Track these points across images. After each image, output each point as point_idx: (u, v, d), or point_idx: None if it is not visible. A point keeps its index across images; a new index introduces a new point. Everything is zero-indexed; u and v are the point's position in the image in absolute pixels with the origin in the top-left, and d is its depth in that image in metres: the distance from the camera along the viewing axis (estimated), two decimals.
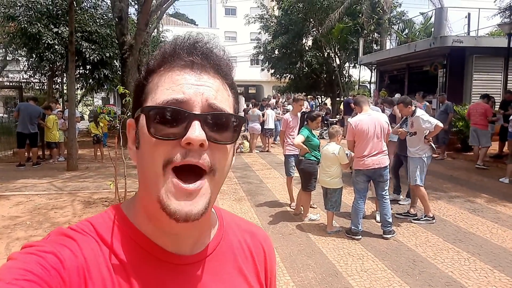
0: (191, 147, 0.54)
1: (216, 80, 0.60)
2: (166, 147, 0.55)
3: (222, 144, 0.57)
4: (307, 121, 5.23)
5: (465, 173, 8.04)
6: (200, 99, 0.56)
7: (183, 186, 0.54)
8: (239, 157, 10.63)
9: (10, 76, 24.44)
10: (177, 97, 0.55)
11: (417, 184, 5.02)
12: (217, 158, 0.57)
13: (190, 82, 0.57)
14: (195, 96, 0.56)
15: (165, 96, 0.56)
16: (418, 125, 5.01)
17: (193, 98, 0.56)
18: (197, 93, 0.56)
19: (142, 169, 0.59)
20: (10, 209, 5.62)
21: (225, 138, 0.58)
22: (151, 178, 0.56)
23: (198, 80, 0.57)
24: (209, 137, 0.55)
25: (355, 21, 18.28)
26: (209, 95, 0.57)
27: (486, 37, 13.53)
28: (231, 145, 0.60)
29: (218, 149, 0.57)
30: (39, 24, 11.34)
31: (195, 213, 0.54)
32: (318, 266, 3.89)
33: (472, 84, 12.01)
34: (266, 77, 31.91)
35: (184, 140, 0.53)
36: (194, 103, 0.56)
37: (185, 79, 0.57)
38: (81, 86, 15.01)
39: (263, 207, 5.91)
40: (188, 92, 0.56)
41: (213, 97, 0.57)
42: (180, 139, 0.54)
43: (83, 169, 8.78)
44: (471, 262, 3.93)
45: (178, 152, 0.54)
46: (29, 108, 9.28)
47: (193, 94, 0.56)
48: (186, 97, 0.56)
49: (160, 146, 0.55)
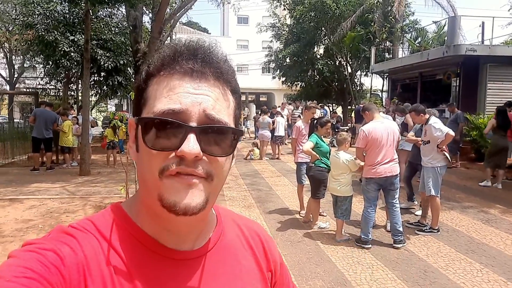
0: (186, 158, 0.54)
1: (216, 88, 0.59)
2: (162, 157, 0.55)
3: (218, 157, 0.57)
4: (317, 127, 5.23)
5: (478, 183, 7.90)
6: (197, 109, 0.56)
7: (182, 177, 0.55)
8: (249, 164, 10.64)
9: (27, 82, 25.07)
10: (174, 108, 0.55)
11: (432, 194, 4.92)
12: (213, 167, 0.57)
13: (188, 91, 0.56)
14: (192, 106, 0.56)
15: (162, 106, 0.56)
16: (430, 134, 4.95)
17: (190, 108, 0.56)
18: (194, 103, 0.56)
19: (141, 171, 0.60)
20: (23, 212, 5.72)
21: (221, 150, 0.58)
22: (149, 180, 0.57)
23: (197, 89, 0.57)
24: (204, 149, 0.55)
25: (367, 30, 18.22)
26: (207, 105, 0.56)
27: (500, 46, 13.34)
28: (228, 156, 0.60)
29: (215, 159, 0.57)
30: (56, 32, 11.60)
31: (193, 206, 0.55)
32: (326, 274, 3.85)
33: (486, 93, 11.80)
34: (277, 85, 31.90)
35: (179, 152, 0.54)
36: (191, 114, 0.55)
37: (184, 87, 0.57)
38: (95, 92, 15.25)
39: (273, 214, 5.89)
40: (185, 102, 0.56)
41: (211, 107, 0.57)
42: (175, 149, 0.54)
43: (95, 174, 8.90)
44: (483, 274, 3.84)
45: (173, 162, 0.55)
46: (45, 113, 9.47)
47: (190, 104, 0.56)
48: (183, 107, 0.55)
49: (155, 156, 0.56)
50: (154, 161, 0.56)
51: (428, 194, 4.96)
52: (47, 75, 14.46)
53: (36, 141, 9.35)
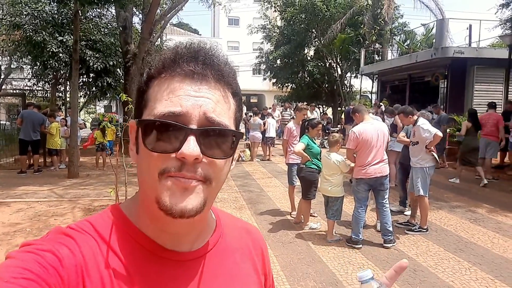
0: (186, 161, 0.54)
1: (217, 91, 0.58)
2: (162, 159, 0.55)
3: (218, 159, 0.57)
4: (308, 128, 5.25)
5: (466, 183, 8.01)
6: (198, 112, 0.56)
7: (179, 181, 0.55)
8: (240, 166, 10.63)
9: (13, 83, 24.69)
10: (174, 110, 0.55)
11: (420, 194, 4.98)
12: (213, 170, 0.57)
13: (189, 93, 0.56)
14: (192, 109, 0.55)
15: (162, 108, 0.56)
16: (419, 135, 5.01)
17: (190, 111, 0.55)
18: (195, 106, 0.56)
19: (140, 174, 0.60)
20: (11, 216, 5.62)
21: (221, 152, 0.57)
22: (148, 182, 0.57)
23: (198, 92, 0.57)
24: (204, 152, 0.55)
25: (357, 32, 18.40)
26: (208, 108, 0.56)
27: (487, 48, 13.60)
28: (227, 158, 0.60)
29: (214, 162, 0.57)
30: (44, 33, 11.46)
31: (189, 209, 0.55)
32: (318, 274, 3.87)
33: (473, 94, 12.03)
34: (268, 86, 32.01)
35: (179, 154, 0.54)
36: (191, 116, 0.55)
37: (184, 90, 0.56)
38: (84, 94, 15.09)
39: (264, 216, 5.90)
40: (186, 104, 0.55)
41: (211, 110, 0.56)
42: (176, 152, 0.54)
43: (84, 177, 8.79)
44: (472, 272, 3.90)
45: (173, 165, 0.55)
46: (32, 115, 9.33)
47: (191, 106, 0.56)
48: (183, 110, 0.55)
49: (155, 158, 0.56)
50: (154, 163, 0.55)
51: (417, 194, 5.02)
52: (35, 76, 14.29)
53: (23, 143, 9.21)
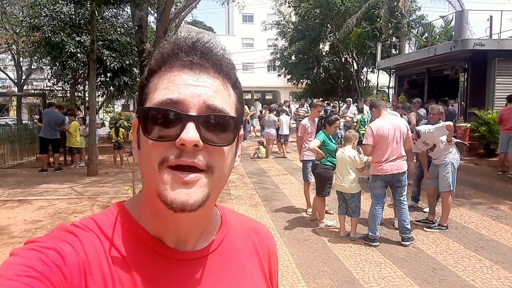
0: (185, 148, 0.53)
1: (216, 80, 0.58)
2: (161, 147, 0.55)
3: (218, 146, 0.57)
4: (325, 125, 5.18)
5: (488, 179, 7.80)
6: (197, 100, 0.55)
7: (179, 175, 0.54)
8: (255, 163, 10.64)
9: (34, 84, 25.34)
10: (172, 97, 0.55)
11: (451, 190, 4.84)
12: (214, 158, 0.56)
13: (187, 82, 0.56)
14: (191, 97, 0.55)
15: (161, 96, 0.56)
16: (431, 139, 4.87)
17: (189, 99, 0.55)
18: (194, 94, 0.55)
19: (142, 167, 0.59)
20: (32, 213, 5.78)
21: (222, 139, 0.57)
22: (148, 175, 0.57)
23: (197, 80, 0.57)
24: (204, 138, 0.54)
25: (373, 26, 18.11)
26: (207, 96, 0.56)
27: (509, 40, 13.14)
28: (229, 146, 0.59)
29: (215, 150, 0.56)
30: (62, 33, 11.69)
31: (191, 203, 0.54)
32: (334, 272, 3.83)
33: (495, 88, 11.66)
34: (283, 83, 31.91)
35: (178, 141, 0.53)
36: (189, 104, 0.55)
37: (183, 79, 0.57)
38: (102, 93, 15.35)
39: (279, 213, 5.88)
40: (184, 92, 0.55)
41: (211, 98, 0.56)
42: (175, 140, 0.54)
43: (102, 175, 8.96)
44: (494, 271, 3.79)
45: (172, 153, 0.54)
46: (50, 114, 9.54)
47: (189, 95, 0.55)
48: (181, 97, 0.55)
49: (155, 146, 0.55)
50: (153, 152, 0.55)
51: (447, 189, 4.84)
52: (54, 76, 14.59)
53: (43, 141, 9.44)
